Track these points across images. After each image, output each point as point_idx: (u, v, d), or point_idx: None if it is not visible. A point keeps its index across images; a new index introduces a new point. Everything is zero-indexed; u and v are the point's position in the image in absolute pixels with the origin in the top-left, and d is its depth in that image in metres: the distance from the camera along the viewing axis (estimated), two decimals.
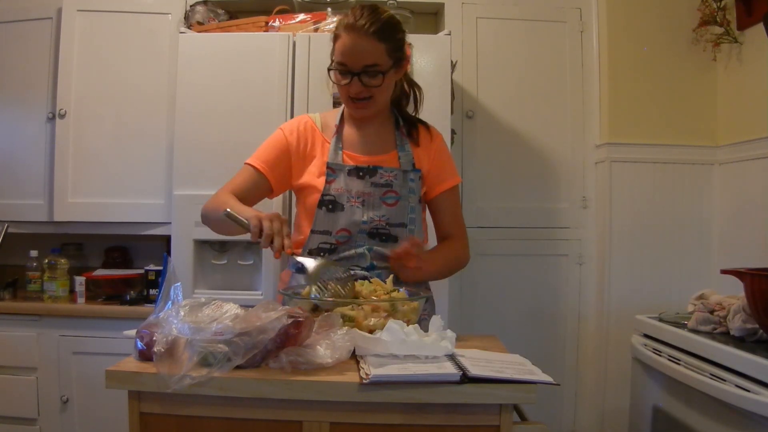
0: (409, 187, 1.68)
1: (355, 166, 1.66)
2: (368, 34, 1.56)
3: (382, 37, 1.58)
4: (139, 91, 2.71)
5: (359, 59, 1.58)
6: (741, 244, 2.56)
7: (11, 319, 2.52)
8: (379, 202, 1.65)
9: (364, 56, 1.57)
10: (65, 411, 2.51)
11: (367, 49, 1.57)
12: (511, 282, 2.85)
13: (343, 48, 1.58)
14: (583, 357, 2.85)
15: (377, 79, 1.60)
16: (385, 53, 1.59)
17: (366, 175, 1.66)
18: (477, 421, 1.14)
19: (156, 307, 1.30)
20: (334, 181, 1.65)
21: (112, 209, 2.70)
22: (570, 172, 2.88)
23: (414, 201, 1.68)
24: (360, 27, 1.56)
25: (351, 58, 1.58)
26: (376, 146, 1.71)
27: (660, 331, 2.02)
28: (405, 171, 1.68)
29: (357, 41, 1.56)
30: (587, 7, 2.86)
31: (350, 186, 1.65)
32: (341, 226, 1.64)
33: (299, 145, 1.71)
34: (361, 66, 1.58)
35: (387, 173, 1.67)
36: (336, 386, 1.13)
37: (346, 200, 1.64)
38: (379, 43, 1.58)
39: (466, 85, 2.84)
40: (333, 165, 1.67)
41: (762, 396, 1.47)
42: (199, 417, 1.17)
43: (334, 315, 1.30)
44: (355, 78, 1.59)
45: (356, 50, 1.57)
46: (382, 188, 1.65)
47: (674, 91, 2.75)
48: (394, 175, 1.67)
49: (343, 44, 1.58)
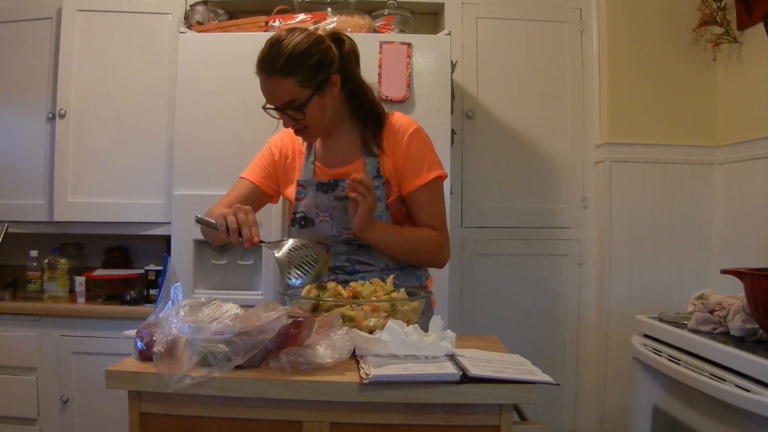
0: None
1: (318, 182, 1.67)
2: (273, 74, 1.54)
3: (288, 72, 1.53)
4: (139, 91, 2.71)
5: (276, 98, 1.58)
6: (741, 244, 2.56)
7: (11, 319, 2.52)
8: (344, 215, 1.64)
9: (278, 95, 1.56)
10: (65, 411, 2.51)
11: (277, 88, 1.55)
12: (511, 282, 2.85)
13: (262, 88, 1.58)
14: (583, 357, 2.85)
15: (300, 113, 1.58)
16: (298, 86, 1.55)
17: (329, 190, 1.66)
18: (477, 421, 1.14)
19: (156, 307, 1.30)
20: (304, 197, 1.68)
21: (112, 209, 2.70)
22: (570, 172, 2.88)
23: (380, 209, 1.65)
24: (265, 68, 1.54)
25: (269, 97, 1.59)
26: (345, 155, 1.70)
27: (660, 331, 2.02)
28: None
29: (267, 82, 1.56)
30: (587, 7, 2.86)
31: (318, 201, 1.66)
32: (316, 239, 1.66)
33: (282, 157, 1.76)
34: (280, 104, 1.58)
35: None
36: (336, 386, 1.13)
37: (315, 215, 1.66)
38: (287, 79, 1.54)
39: (466, 85, 2.84)
40: (302, 182, 1.69)
41: (762, 396, 1.47)
42: (199, 417, 1.17)
43: (334, 315, 1.30)
44: (282, 114, 1.60)
45: (269, 90, 1.57)
46: (345, 201, 1.63)
47: (674, 91, 2.75)
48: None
49: (261, 84, 1.58)
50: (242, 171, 1.79)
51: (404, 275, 1.69)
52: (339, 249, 1.67)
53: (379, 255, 1.68)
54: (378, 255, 1.68)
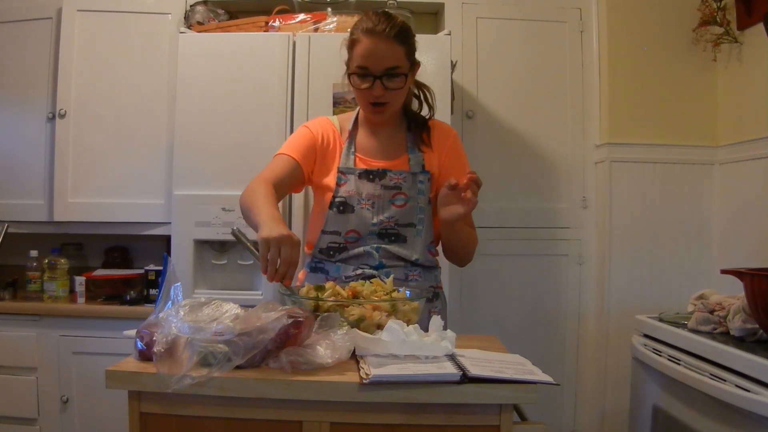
0: (418, 188, 1.70)
1: (365, 169, 1.69)
2: (390, 38, 1.60)
3: (401, 40, 1.62)
4: (139, 91, 2.71)
5: (381, 62, 1.60)
6: (741, 244, 2.56)
7: (11, 319, 2.52)
8: (388, 204, 1.68)
9: (386, 59, 1.60)
10: (65, 411, 2.51)
11: (388, 52, 1.60)
12: (511, 282, 2.85)
13: (364, 52, 1.60)
14: (583, 357, 2.85)
15: (399, 80, 1.63)
16: (405, 56, 1.64)
17: (376, 178, 1.68)
18: (477, 421, 1.14)
19: (156, 307, 1.30)
20: (344, 184, 1.69)
21: (112, 209, 2.70)
22: (570, 172, 2.88)
23: (423, 202, 1.70)
24: (381, 31, 1.59)
25: (373, 62, 1.60)
26: (388, 151, 1.74)
27: (660, 331, 2.02)
28: (414, 173, 1.70)
29: (379, 44, 1.59)
30: (587, 7, 2.86)
31: (360, 189, 1.68)
32: (351, 227, 1.67)
33: (323, 142, 1.74)
34: (382, 69, 1.61)
35: (396, 176, 1.69)
36: (336, 386, 1.13)
37: (356, 202, 1.67)
38: (399, 46, 1.62)
39: (466, 85, 2.84)
40: (344, 169, 1.70)
41: (762, 396, 1.47)
42: (199, 417, 1.17)
43: (334, 315, 1.30)
44: (377, 81, 1.61)
45: (378, 53, 1.60)
46: (391, 190, 1.68)
47: (674, 91, 2.75)
48: (403, 177, 1.69)
49: (365, 48, 1.60)
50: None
51: (425, 273, 1.72)
52: (373, 239, 1.68)
53: (411, 248, 1.69)
54: (409, 248, 1.69)
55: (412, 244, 1.69)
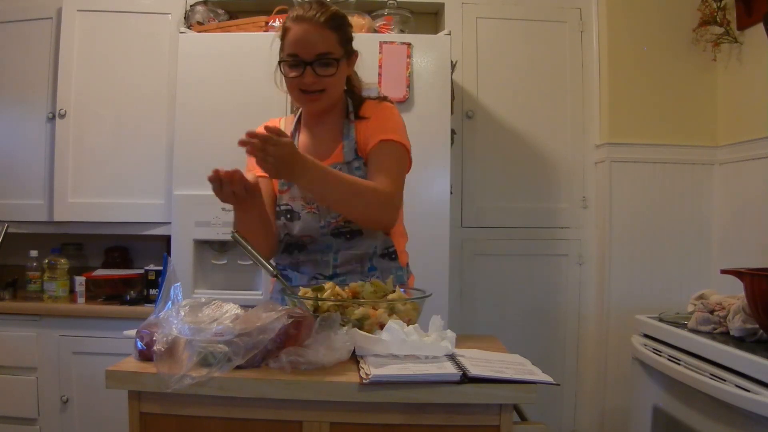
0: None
1: None
2: (319, 23, 1.56)
3: (332, 26, 1.58)
4: (139, 91, 2.71)
5: (312, 48, 1.56)
6: (741, 244, 2.56)
7: (11, 319, 2.52)
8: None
9: (316, 45, 1.56)
10: (65, 411, 2.51)
11: (319, 37, 1.56)
12: (511, 282, 2.85)
13: (294, 38, 1.57)
14: (583, 357, 2.85)
15: (331, 68, 1.58)
16: (337, 42, 1.59)
17: None
18: (477, 421, 1.14)
19: (156, 307, 1.30)
20: (288, 190, 1.65)
21: (112, 209, 2.70)
22: (570, 172, 2.88)
23: None
24: (311, 17, 1.56)
25: (303, 48, 1.56)
26: (324, 148, 1.66)
27: (660, 331, 2.02)
28: (348, 162, 1.63)
29: (309, 30, 1.56)
30: (587, 7, 2.86)
31: (302, 193, 1.63)
32: (302, 233, 1.63)
33: None
34: (313, 55, 1.56)
35: None
36: (336, 386, 1.13)
37: (301, 208, 1.63)
38: (331, 32, 1.58)
39: (466, 85, 2.84)
40: None
41: (762, 396, 1.47)
42: (199, 417, 1.17)
43: (334, 315, 1.30)
44: (308, 68, 1.57)
45: (309, 39, 1.56)
46: None
47: (674, 91, 2.75)
48: (339, 169, 1.60)
49: (295, 35, 1.57)
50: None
51: (384, 276, 1.65)
52: (327, 241, 1.63)
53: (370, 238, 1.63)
54: (369, 239, 1.63)
55: (369, 235, 1.64)
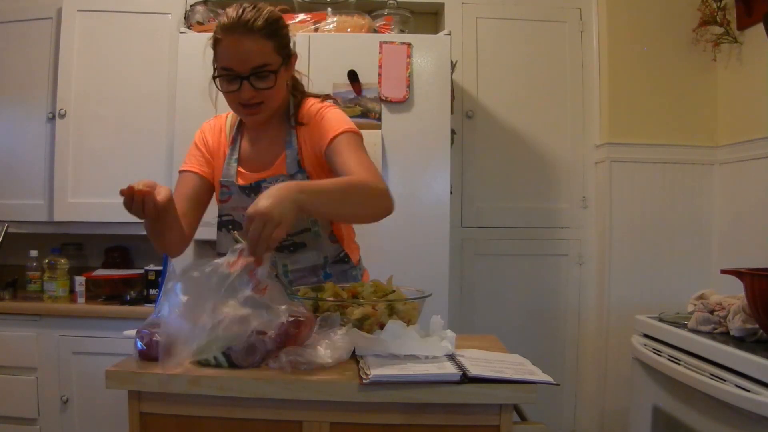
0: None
1: (239, 186, 1.56)
2: (253, 32, 1.42)
3: (267, 34, 1.45)
4: (139, 91, 2.71)
5: (246, 61, 1.44)
6: (741, 244, 2.56)
7: (11, 319, 2.52)
8: None
9: (251, 57, 1.44)
10: (65, 411, 2.51)
11: (253, 49, 1.43)
12: (511, 282, 2.85)
13: (227, 51, 1.45)
14: (583, 357, 2.85)
15: (269, 80, 1.47)
16: (274, 51, 1.46)
17: (251, 193, 1.53)
18: (477, 421, 1.14)
19: (156, 307, 1.30)
20: (229, 199, 1.58)
21: (112, 209, 2.67)
22: (570, 172, 2.88)
23: None
24: (242, 25, 1.42)
25: (237, 61, 1.44)
26: (267, 156, 1.58)
27: (660, 331, 2.02)
28: (291, 175, 1.54)
29: (242, 42, 1.42)
30: (587, 7, 2.86)
31: (244, 204, 1.48)
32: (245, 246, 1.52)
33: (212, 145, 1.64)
34: (249, 68, 1.44)
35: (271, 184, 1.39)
36: (336, 386, 1.13)
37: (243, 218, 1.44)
38: (266, 41, 1.45)
39: (466, 85, 2.84)
40: (225, 182, 1.57)
41: (762, 396, 1.47)
42: (199, 417, 1.17)
43: (334, 315, 1.30)
44: (244, 82, 1.45)
45: (242, 51, 1.43)
46: None
47: (674, 91, 2.75)
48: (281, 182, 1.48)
49: (227, 47, 1.44)
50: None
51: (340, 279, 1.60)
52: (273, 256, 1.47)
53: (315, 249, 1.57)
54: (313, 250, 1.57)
55: (314, 246, 1.58)
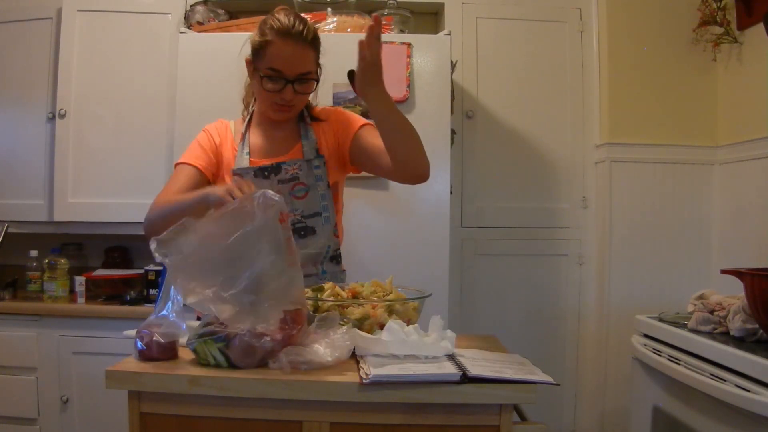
0: (315, 174, 1.66)
1: (258, 167, 1.64)
2: (304, 42, 1.56)
3: (314, 45, 1.60)
4: (139, 91, 2.71)
5: (296, 67, 1.57)
6: (741, 244, 2.56)
7: (11, 319, 2.52)
8: (289, 198, 1.63)
9: (300, 64, 1.57)
10: (65, 411, 2.51)
11: (303, 57, 1.57)
12: (511, 282, 2.85)
13: (279, 55, 1.56)
14: (583, 357, 2.85)
15: (309, 86, 1.62)
16: (315, 61, 1.61)
17: (271, 174, 1.64)
18: (477, 421, 1.14)
19: (156, 307, 1.30)
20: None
21: (112, 209, 2.69)
22: (570, 172, 2.88)
23: (323, 188, 1.66)
24: (297, 34, 1.55)
25: (287, 66, 1.56)
26: (281, 147, 1.69)
27: (660, 331, 2.02)
28: (308, 160, 1.66)
29: (295, 49, 1.56)
30: (587, 7, 2.86)
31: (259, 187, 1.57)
32: None
33: (219, 144, 1.71)
34: (296, 74, 1.58)
35: (290, 166, 1.65)
36: (336, 386, 1.13)
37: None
38: (312, 52, 1.60)
39: (466, 85, 2.84)
40: (238, 170, 1.64)
41: (762, 396, 1.47)
42: (199, 417, 1.17)
43: (333, 314, 1.30)
44: (288, 86, 1.58)
45: (294, 58, 1.56)
46: (289, 183, 1.64)
47: (674, 91, 2.75)
48: (298, 166, 1.65)
49: (280, 51, 1.56)
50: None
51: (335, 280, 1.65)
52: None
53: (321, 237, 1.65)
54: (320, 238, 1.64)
55: (321, 234, 1.66)
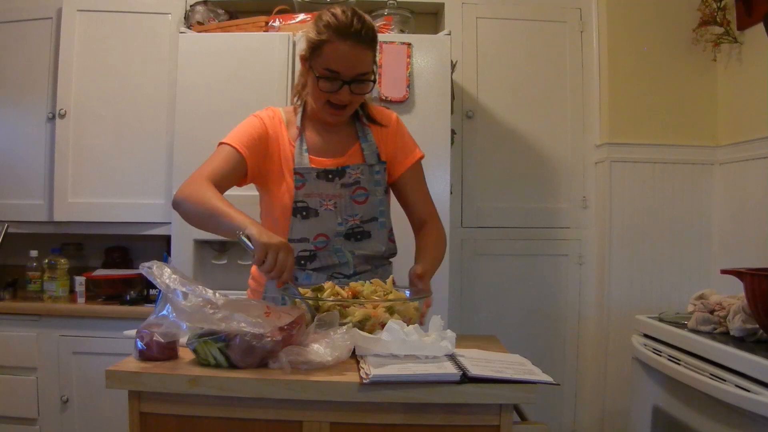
0: (375, 180, 1.65)
1: (323, 169, 1.61)
2: (363, 42, 1.51)
3: (372, 46, 1.55)
4: (139, 91, 2.71)
5: (353, 68, 1.52)
6: (741, 244, 2.56)
7: (11, 319, 2.52)
8: (350, 202, 1.62)
9: (358, 65, 1.53)
10: (65, 411, 2.51)
11: (361, 58, 1.53)
12: (511, 282, 2.85)
13: (337, 55, 1.51)
14: (583, 357, 2.85)
15: (366, 86, 1.57)
16: (372, 61, 1.57)
17: (335, 177, 1.61)
18: (477, 421, 1.14)
19: (156, 307, 1.30)
20: (303, 185, 1.60)
21: (112, 209, 2.69)
22: (570, 172, 2.88)
23: (380, 193, 1.66)
24: (355, 33, 1.50)
25: (345, 67, 1.52)
26: (339, 146, 1.66)
27: (660, 331, 2.02)
28: (370, 165, 1.64)
29: (353, 50, 1.51)
30: (587, 7, 2.86)
31: (321, 189, 1.61)
32: (318, 231, 1.60)
33: (271, 135, 1.64)
34: (353, 75, 1.53)
35: (354, 171, 1.63)
36: (336, 386, 1.13)
37: (318, 204, 1.60)
38: (370, 52, 1.55)
39: (466, 85, 2.84)
40: (300, 170, 1.60)
41: (762, 396, 1.47)
42: (199, 417, 1.17)
43: (333, 314, 1.30)
44: (345, 86, 1.53)
45: (351, 59, 1.51)
46: (351, 187, 1.62)
47: (674, 91, 2.75)
48: (360, 170, 1.63)
49: (337, 52, 1.50)
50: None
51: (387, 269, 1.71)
52: (340, 241, 1.61)
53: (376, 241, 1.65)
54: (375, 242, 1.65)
55: (377, 238, 1.65)
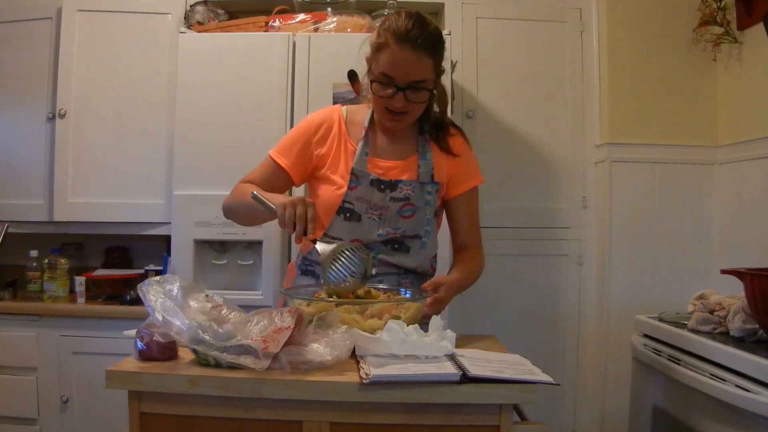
0: (425, 199, 1.63)
1: (377, 178, 1.60)
2: (421, 49, 1.47)
3: (432, 53, 1.50)
4: (139, 91, 2.71)
5: (408, 74, 1.49)
6: (741, 244, 2.56)
7: (11, 319, 2.52)
8: (396, 216, 1.60)
9: (414, 72, 1.49)
10: (65, 411, 2.51)
11: (417, 65, 1.49)
12: (511, 282, 2.85)
13: (391, 60, 1.48)
14: (583, 357, 2.85)
15: (422, 94, 1.53)
16: (432, 69, 1.52)
17: (386, 189, 1.60)
18: (477, 421, 1.14)
19: None
20: (356, 188, 1.59)
21: (112, 209, 2.69)
22: (570, 172, 2.88)
23: (430, 213, 1.63)
24: (413, 39, 1.46)
25: (399, 73, 1.49)
26: (399, 151, 1.65)
27: (660, 331, 2.02)
28: (423, 183, 1.62)
29: (409, 55, 1.47)
30: (587, 7, 2.86)
31: (370, 197, 1.60)
32: (355, 236, 1.59)
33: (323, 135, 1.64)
34: (408, 81, 1.50)
35: (406, 186, 1.61)
36: (336, 386, 1.13)
37: (364, 211, 1.59)
38: (429, 59, 1.50)
39: (466, 85, 2.84)
40: (358, 171, 1.60)
41: (762, 396, 1.47)
42: (199, 417, 1.17)
43: (332, 313, 1.30)
44: (399, 93, 1.51)
45: (407, 65, 1.48)
46: (400, 202, 1.60)
47: (674, 91, 2.75)
48: (412, 187, 1.61)
49: (394, 57, 1.48)
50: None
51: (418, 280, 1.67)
52: (374, 248, 1.60)
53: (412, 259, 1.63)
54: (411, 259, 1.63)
55: (414, 256, 1.63)
